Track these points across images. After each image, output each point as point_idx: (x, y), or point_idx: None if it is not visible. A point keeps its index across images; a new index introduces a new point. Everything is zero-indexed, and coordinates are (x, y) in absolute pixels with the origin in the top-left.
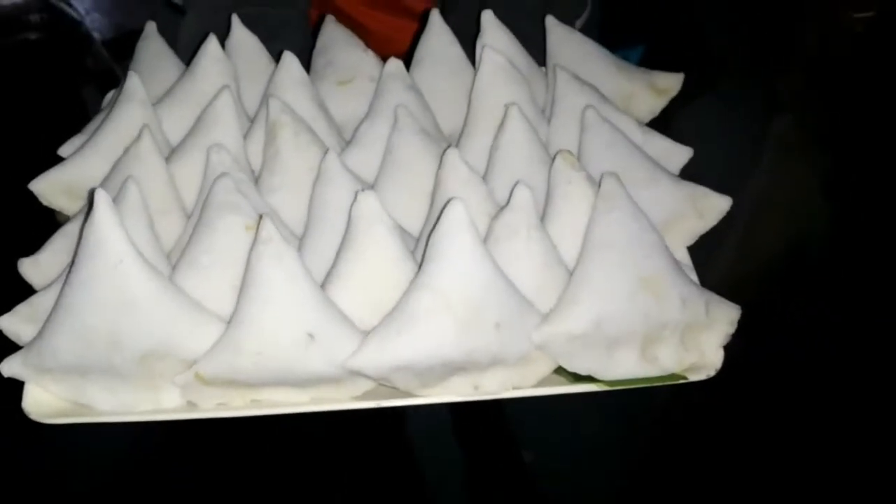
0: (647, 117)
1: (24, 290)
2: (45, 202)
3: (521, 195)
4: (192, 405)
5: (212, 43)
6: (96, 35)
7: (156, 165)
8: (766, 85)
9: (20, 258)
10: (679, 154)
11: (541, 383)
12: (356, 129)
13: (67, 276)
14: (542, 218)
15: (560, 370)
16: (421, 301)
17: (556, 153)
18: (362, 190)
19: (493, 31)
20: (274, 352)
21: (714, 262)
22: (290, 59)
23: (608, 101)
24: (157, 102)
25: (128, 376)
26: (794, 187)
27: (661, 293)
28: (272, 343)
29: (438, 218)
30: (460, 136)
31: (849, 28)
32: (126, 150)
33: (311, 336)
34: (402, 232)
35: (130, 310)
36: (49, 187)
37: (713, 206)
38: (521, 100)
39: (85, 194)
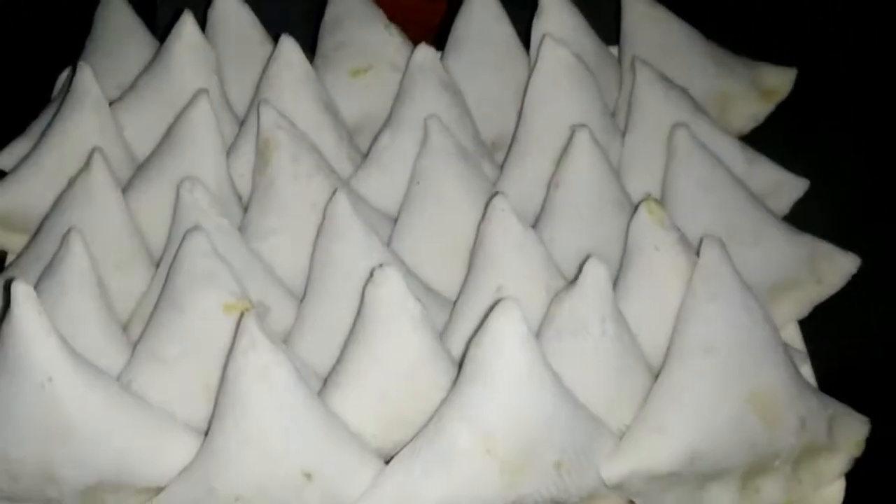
0: (749, 125)
1: None
2: None
3: (596, 274)
4: None
5: (187, 24)
6: None
7: (111, 205)
8: None
9: None
10: (792, 187)
11: None
12: (374, 142)
13: None
14: (616, 288)
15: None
16: (458, 437)
17: (640, 203)
18: (380, 264)
19: (554, 11)
20: (268, 493)
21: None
22: (288, 47)
23: (702, 111)
24: (119, 100)
25: None
26: None
27: (775, 414)
28: (256, 486)
29: (484, 319)
30: (507, 156)
31: None
32: (71, 183)
33: (307, 476)
34: (430, 298)
35: (64, 439)
36: None
37: (837, 269)
38: (591, 114)
39: (25, 226)
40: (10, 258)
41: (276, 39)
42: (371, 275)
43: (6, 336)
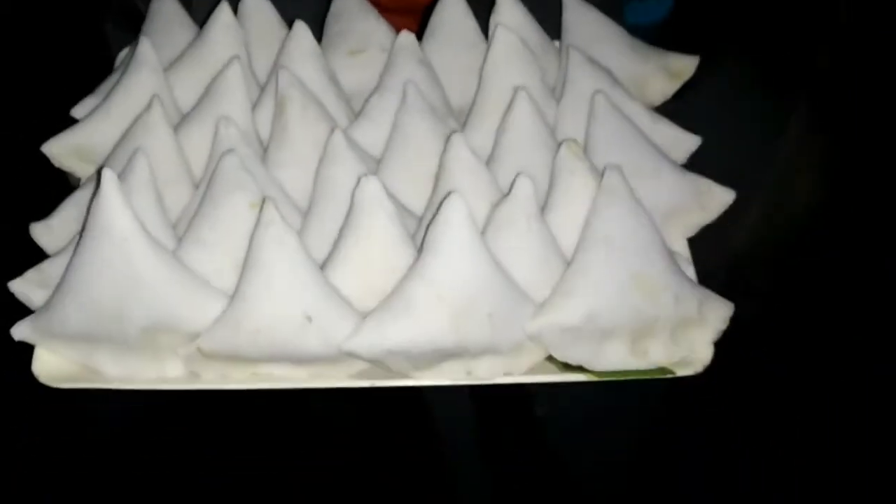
0: (660, 100)
1: (36, 253)
2: (56, 164)
3: (523, 186)
4: (194, 376)
5: (224, 10)
6: None
7: (165, 136)
8: (785, 69)
9: (32, 222)
10: (687, 142)
11: (532, 371)
12: (365, 102)
13: (75, 250)
14: (544, 207)
15: (551, 358)
16: (417, 291)
17: (562, 142)
18: (366, 174)
19: (507, 7)
20: (272, 331)
21: (713, 254)
22: (301, 29)
23: (620, 85)
24: (169, 68)
25: (133, 347)
26: (801, 179)
27: (653, 291)
28: (270, 323)
29: (439, 208)
30: (468, 115)
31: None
32: (136, 120)
33: (308, 318)
34: (405, 214)
35: (134, 286)
36: (61, 150)
37: (716, 199)
38: (531, 82)
39: (96, 159)
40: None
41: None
42: (358, 182)
43: (96, 207)
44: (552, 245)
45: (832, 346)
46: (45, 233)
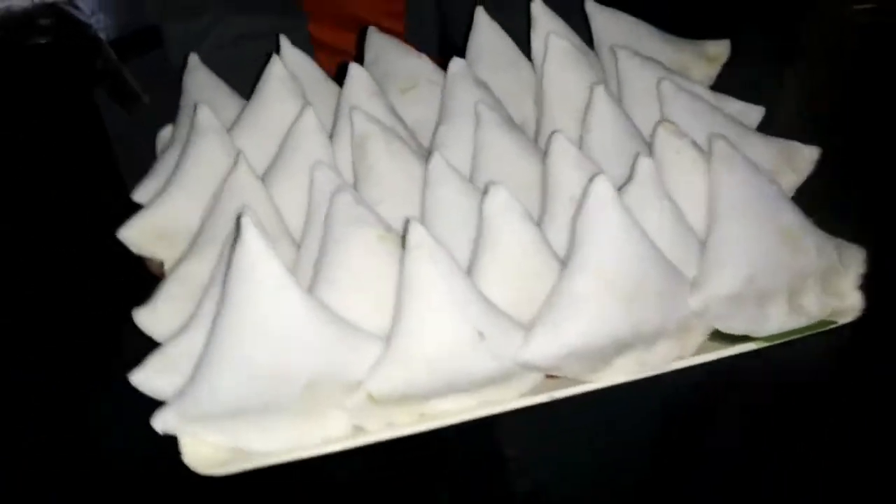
0: (706, 84)
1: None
2: (136, 250)
3: (646, 167)
4: (358, 430)
5: (276, 64)
6: (102, 36)
7: (258, 193)
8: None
9: (133, 308)
10: (753, 113)
11: (699, 350)
12: (435, 134)
13: (218, 314)
14: None
15: (712, 336)
16: (582, 284)
17: (657, 125)
18: (492, 183)
19: (545, 19)
20: (447, 355)
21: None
22: (358, 71)
23: (673, 71)
24: (230, 130)
25: (294, 410)
26: None
27: (798, 243)
28: (444, 347)
29: (582, 202)
30: (538, 125)
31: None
32: (225, 182)
33: (480, 334)
34: None
35: (294, 337)
36: (141, 234)
37: (804, 158)
38: (596, 82)
39: (180, 238)
40: (166, 266)
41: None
42: (486, 191)
43: (239, 257)
44: (684, 221)
45: None
46: (151, 318)
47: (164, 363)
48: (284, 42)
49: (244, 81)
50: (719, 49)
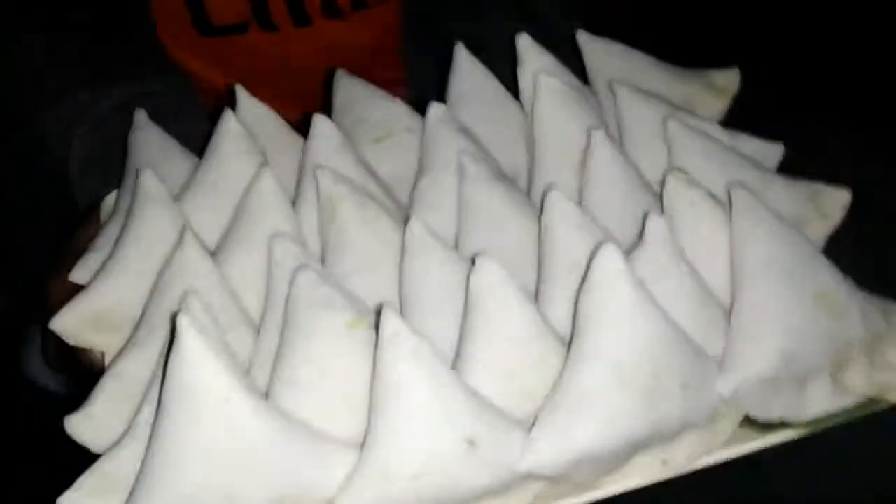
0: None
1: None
2: (72, 341)
3: (658, 227)
4: None
5: (230, 119)
6: None
7: (209, 273)
8: None
9: (65, 416)
10: (772, 152)
11: (730, 442)
12: (414, 189)
13: (155, 430)
14: None
15: (744, 423)
16: (590, 378)
17: (666, 173)
18: (479, 256)
19: (533, 57)
20: (432, 471)
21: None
22: (322, 122)
23: (679, 108)
24: (179, 197)
25: None
26: None
27: (838, 308)
28: (428, 461)
29: (587, 275)
30: (531, 175)
31: None
32: (168, 261)
33: (470, 443)
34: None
35: (247, 457)
36: (75, 323)
37: (834, 203)
38: (591, 123)
39: (121, 324)
40: (107, 358)
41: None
42: (472, 263)
43: (176, 366)
44: (705, 289)
45: None
46: (85, 426)
47: (99, 483)
48: (241, 92)
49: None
50: (728, 79)
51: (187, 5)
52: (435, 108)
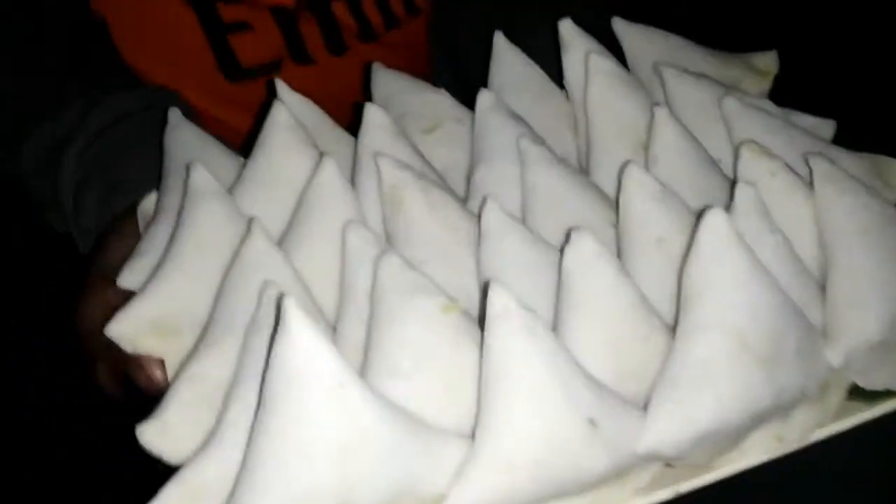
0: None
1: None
2: (128, 347)
3: (749, 194)
4: None
5: (279, 111)
6: None
7: (282, 266)
8: None
9: (136, 425)
10: (826, 128)
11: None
12: (472, 179)
13: (257, 427)
14: None
15: (851, 393)
16: (708, 347)
17: (740, 146)
18: (575, 230)
19: (579, 42)
20: (554, 454)
21: None
22: (375, 112)
23: (726, 85)
24: (232, 190)
25: None
26: None
27: None
28: (550, 443)
29: (694, 241)
30: (587, 158)
31: None
32: (236, 257)
33: (592, 423)
34: None
35: (363, 448)
36: (135, 328)
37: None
38: (647, 105)
39: (185, 329)
40: (168, 364)
41: None
42: (568, 239)
43: (285, 354)
44: (798, 258)
45: None
46: (161, 435)
47: (187, 493)
48: (282, 87)
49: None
50: (768, 61)
51: (212, 50)
52: (485, 96)
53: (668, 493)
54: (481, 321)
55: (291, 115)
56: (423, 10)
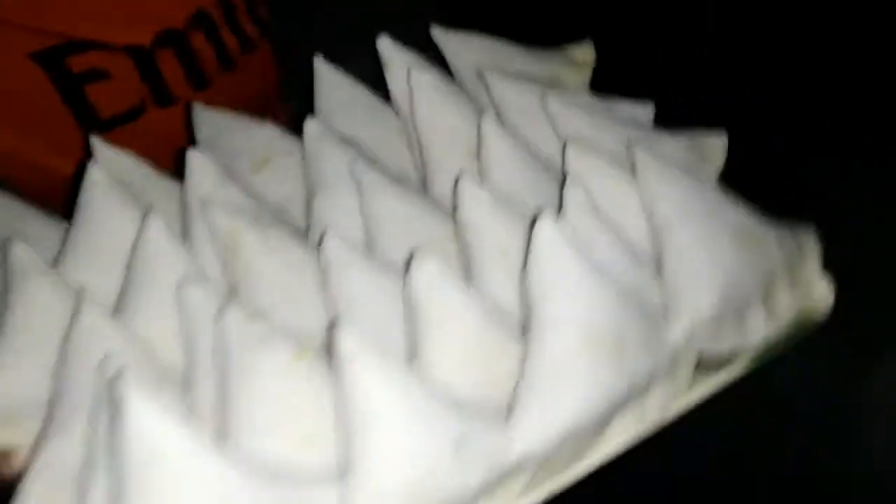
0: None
1: None
2: None
3: (579, 195)
4: None
5: (95, 172)
6: None
7: (116, 334)
8: None
9: None
10: (645, 111)
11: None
12: (309, 212)
13: None
14: None
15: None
16: (559, 345)
17: (565, 146)
18: (416, 253)
19: (400, 56)
20: (429, 480)
21: None
22: (196, 157)
23: (552, 83)
24: (56, 262)
25: None
26: None
27: (756, 240)
28: (420, 473)
29: (527, 251)
30: (423, 174)
31: None
32: (70, 334)
33: (458, 441)
34: None
35: None
36: None
37: (715, 147)
38: (474, 110)
39: (26, 416)
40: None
41: None
42: (409, 266)
43: (130, 438)
44: (632, 248)
45: None
46: None
47: None
48: (96, 144)
49: None
50: (585, 52)
51: (69, 106)
52: (311, 125)
53: (547, 491)
54: None
55: (108, 173)
56: (268, 25)
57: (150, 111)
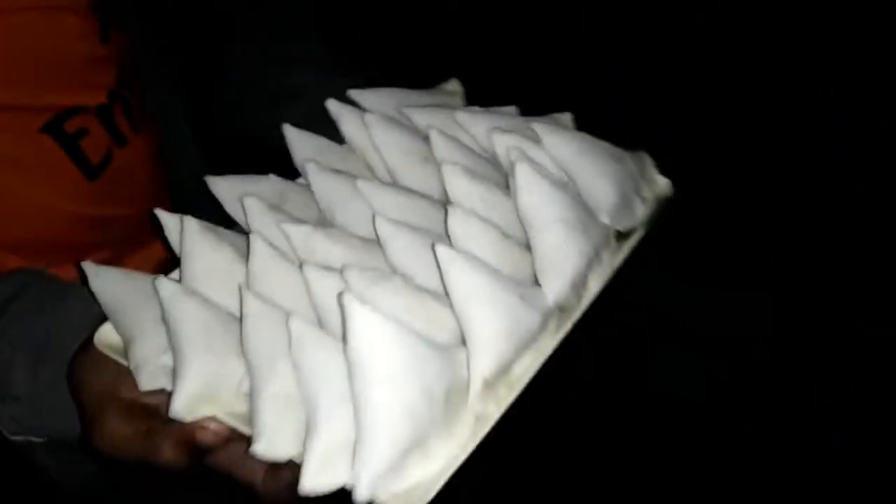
0: None
1: None
2: (188, 419)
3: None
4: (479, 421)
5: (189, 222)
6: None
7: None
8: None
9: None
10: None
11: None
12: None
13: (359, 393)
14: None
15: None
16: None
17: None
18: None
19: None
20: (512, 328)
21: None
22: (258, 242)
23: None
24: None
25: (440, 427)
26: None
27: (622, 158)
28: (510, 323)
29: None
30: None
31: None
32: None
33: (521, 297)
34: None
35: (419, 368)
36: (187, 403)
37: (563, 121)
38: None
39: (229, 397)
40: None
41: None
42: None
43: (357, 341)
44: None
45: None
46: (269, 445)
47: (323, 460)
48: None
49: None
50: (453, 85)
51: (73, 161)
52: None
53: (564, 331)
54: None
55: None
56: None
57: (117, 154)
